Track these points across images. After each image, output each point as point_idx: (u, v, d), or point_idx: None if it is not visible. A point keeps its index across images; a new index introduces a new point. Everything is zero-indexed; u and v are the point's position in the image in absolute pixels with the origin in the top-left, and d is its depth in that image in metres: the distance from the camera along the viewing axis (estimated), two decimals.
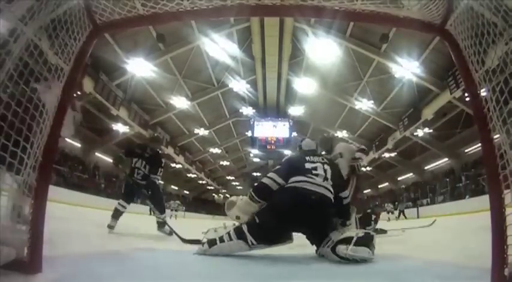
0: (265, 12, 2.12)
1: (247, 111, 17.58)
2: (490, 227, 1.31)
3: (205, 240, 2.30)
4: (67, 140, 4.78)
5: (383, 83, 13.99)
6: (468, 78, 1.51)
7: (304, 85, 15.02)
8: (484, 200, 1.75)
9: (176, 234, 3.61)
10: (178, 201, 19.52)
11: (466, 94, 1.68)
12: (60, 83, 1.61)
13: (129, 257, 2.24)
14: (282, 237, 2.34)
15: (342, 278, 1.67)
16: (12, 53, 1.41)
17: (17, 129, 1.40)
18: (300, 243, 2.55)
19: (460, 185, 15.00)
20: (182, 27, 11.39)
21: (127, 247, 2.65)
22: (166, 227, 4.17)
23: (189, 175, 27.13)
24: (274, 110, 17.62)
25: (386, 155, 19.49)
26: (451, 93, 11.36)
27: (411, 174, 21.79)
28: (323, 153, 3.65)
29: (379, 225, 5.98)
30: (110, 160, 19.95)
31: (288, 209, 2.15)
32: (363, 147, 3.86)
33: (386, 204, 17.40)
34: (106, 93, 12.65)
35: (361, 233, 2.10)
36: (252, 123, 17.06)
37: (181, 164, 22.57)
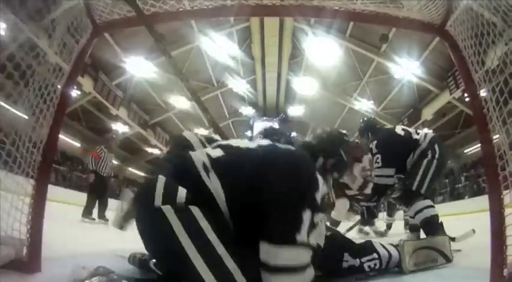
0: (265, 12, 2.11)
1: (247, 111, 17.57)
2: (489, 228, 1.31)
3: None
4: (67, 139, 4.82)
5: (383, 83, 13.98)
6: (468, 79, 1.51)
7: (304, 85, 15.02)
8: (484, 201, 1.75)
9: None
10: None
11: (466, 94, 1.68)
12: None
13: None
14: None
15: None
16: (12, 53, 1.41)
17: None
18: None
19: (460, 185, 15.00)
20: (182, 27, 11.38)
21: (128, 247, 2.64)
22: None
23: None
24: (273, 110, 17.61)
25: None
26: (450, 94, 11.36)
27: None
28: None
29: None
30: None
31: None
32: None
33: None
34: (105, 92, 12.63)
35: None
36: (251, 123, 17.05)
37: None
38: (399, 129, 2.63)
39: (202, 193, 1.01)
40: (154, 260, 1.34)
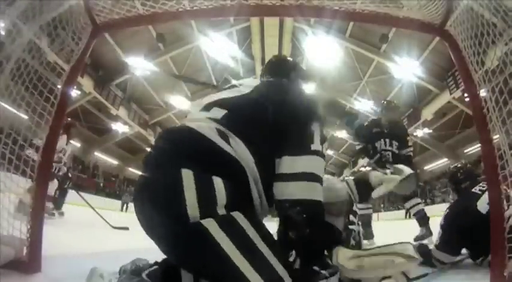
0: (265, 12, 2.11)
1: None
2: None
3: None
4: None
5: (383, 83, 13.99)
6: (468, 79, 1.51)
7: (303, 85, 14.98)
8: None
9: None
10: None
11: (466, 94, 1.68)
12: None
13: (128, 256, 2.24)
14: None
15: None
16: (13, 53, 1.41)
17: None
18: None
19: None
20: (182, 26, 11.38)
21: (126, 246, 2.64)
22: None
23: None
24: None
25: None
26: (450, 94, 11.37)
27: None
28: None
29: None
30: (111, 160, 20.03)
31: None
32: None
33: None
34: (106, 92, 12.64)
35: None
36: None
37: None
38: (483, 203, 1.69)
39: (225, 166, 0.87)
40: (147, 271, 1.12)
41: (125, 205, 16.43)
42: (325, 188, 1.07)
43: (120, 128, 16.53)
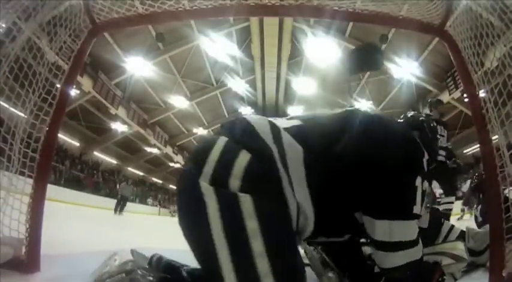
0: (265, 12, 2.11)
1: (246, 111, 17.56)
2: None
3: None
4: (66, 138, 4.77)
5: (382, 83, 14.00)
6: (467, 79, 1.51)
7: (303, 85, 15.01)
8: None
9: None
10: None
11: (465, 95, 1.68)
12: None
13: (127, 256, 2.24)
14: None
15: None
16: (12, 52, 1.41)
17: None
18: None
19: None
20: (181, 26, 11.37)
21: (125, 246, 2.64)
22: None
23: None
24: (273, 109, 17.61)
25: None
26: (449, 94, 11.39)
27: None
28: None
29: None
30: (110, 159, 20.01)
31: None
32: None
33: None
34: (105, 92, 12.62)
35: None
36: None
37: (180, 164, 22.58)
38: None
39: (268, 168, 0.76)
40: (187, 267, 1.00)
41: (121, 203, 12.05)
42: None
43: (119, 127, 16.50)
